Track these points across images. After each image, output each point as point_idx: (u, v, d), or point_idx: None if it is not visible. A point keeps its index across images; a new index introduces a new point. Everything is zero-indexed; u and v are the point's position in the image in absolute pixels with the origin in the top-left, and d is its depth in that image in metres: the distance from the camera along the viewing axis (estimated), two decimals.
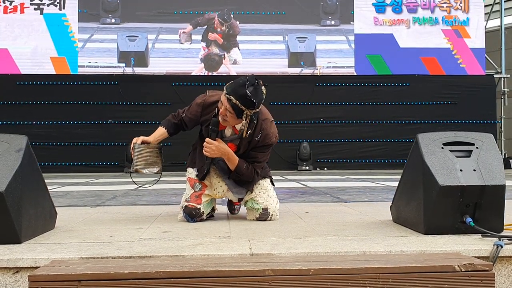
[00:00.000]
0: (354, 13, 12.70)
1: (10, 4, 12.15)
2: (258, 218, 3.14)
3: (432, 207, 2.51)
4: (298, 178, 8.76)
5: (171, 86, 11.97)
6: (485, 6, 12.99)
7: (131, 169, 3.10)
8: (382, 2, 12.73)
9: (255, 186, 3.16)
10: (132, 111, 11.85)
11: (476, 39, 12.65)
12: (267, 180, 3.23)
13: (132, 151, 3.08)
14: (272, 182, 3.28)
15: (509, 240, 2.25)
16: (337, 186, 6.60)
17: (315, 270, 1.86)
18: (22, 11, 12.17)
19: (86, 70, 12.18)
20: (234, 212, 3.51)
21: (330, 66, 12.63)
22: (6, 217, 2.30)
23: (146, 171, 3.09)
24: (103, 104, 11.93)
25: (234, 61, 12.55)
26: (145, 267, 1.86)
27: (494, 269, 1.98)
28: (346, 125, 12.35)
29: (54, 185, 7.00)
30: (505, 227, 2.59)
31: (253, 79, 2.80)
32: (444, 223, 2.52)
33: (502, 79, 13.15)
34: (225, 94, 2.83)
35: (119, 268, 1.87)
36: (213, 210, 3.26)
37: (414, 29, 12.69)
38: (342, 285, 1.85)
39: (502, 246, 2.15)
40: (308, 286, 1.84)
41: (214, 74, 12.48)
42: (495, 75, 12.97)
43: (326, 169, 12.08)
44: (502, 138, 13.00)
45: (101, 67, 12.28)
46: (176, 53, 12.52)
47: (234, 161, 3.00)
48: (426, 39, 12.61)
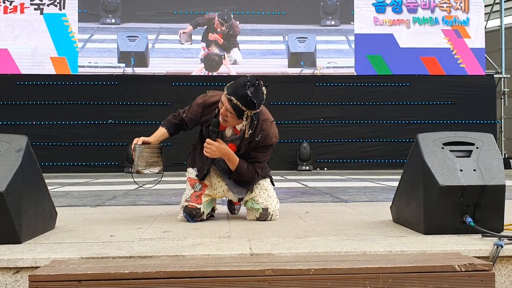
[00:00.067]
0: (354, 13, 12.70)
1: (10, 4, 12.15)
2: (258, 218, 3.14)
3: (432, 207, 2.51)
4: (298, 178, 8.76)
5: (171, 86, 11.97)
6: (485, 6, 12.99)
7: (132, 169, 3.10)
8: (382, 2, 12.72)
9: (255, 186, 3.16)
10: (132, 111, 11.85)
11: (476, 39, 12.65)
12: (267, 180, 3.23)
13: (132, 152, 3.08)
14: (272, 182, 3.28)
15: (509, 240, 2.25)
16: (337, 186, 6.60)
17: (315, 270, 1.86)
18: (22, 11, 12.17)
19: (86, 70, 12.18)
20: (234, 212, 3.51)
21: (330, 66, 12.63)
22: (6, 217, 2.30)
23: (147, 172, 3.10)
24: (103, 104, 11.94)
25: (234, 61, 12.55)
26: (145, 267, 1.86)
27: (494, 269, 1.98)
28: (346, 125, 12.35)
29: (54, 185, 7.00)
30: (505, 227, 2.59)
31: (253, 80, 2.79)
32: (444, 223, 2.52)
33: (502, 79, 13.15)
34: (225, 94, 2.82)
35: (119, 268, 1.87)
36: (213, 210, 3.26)
37: (414, 29, 12.69)
38: (342, 285, 1.85)
39: (502, 246, 2.15)
40: (308, 286, 1.84)
41: (214, 74, 12.47)
42: (495, 75, 12.98)
43: (326, 169, 12.08)
44: (502, 138, 13.00)
45: (101, 67, 12.28)
46: (176, 53, 12.52)
47: (235, 161, 3.00)
48: (426, 39, 12.61)
